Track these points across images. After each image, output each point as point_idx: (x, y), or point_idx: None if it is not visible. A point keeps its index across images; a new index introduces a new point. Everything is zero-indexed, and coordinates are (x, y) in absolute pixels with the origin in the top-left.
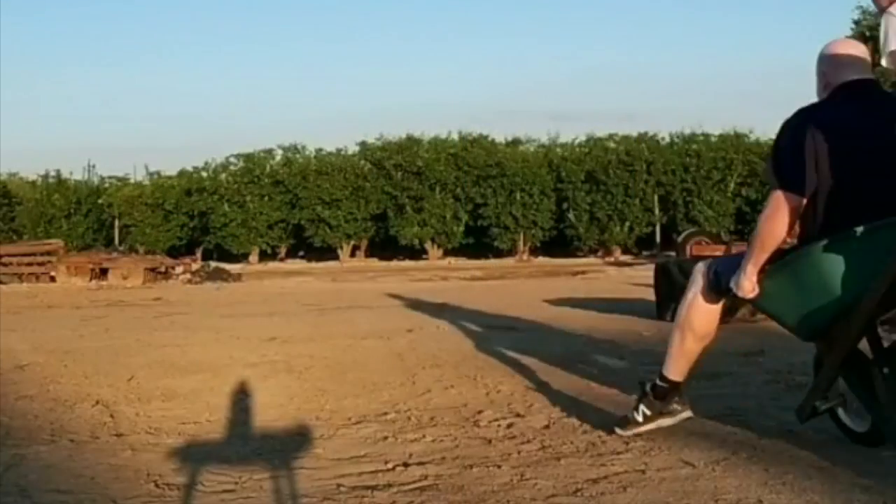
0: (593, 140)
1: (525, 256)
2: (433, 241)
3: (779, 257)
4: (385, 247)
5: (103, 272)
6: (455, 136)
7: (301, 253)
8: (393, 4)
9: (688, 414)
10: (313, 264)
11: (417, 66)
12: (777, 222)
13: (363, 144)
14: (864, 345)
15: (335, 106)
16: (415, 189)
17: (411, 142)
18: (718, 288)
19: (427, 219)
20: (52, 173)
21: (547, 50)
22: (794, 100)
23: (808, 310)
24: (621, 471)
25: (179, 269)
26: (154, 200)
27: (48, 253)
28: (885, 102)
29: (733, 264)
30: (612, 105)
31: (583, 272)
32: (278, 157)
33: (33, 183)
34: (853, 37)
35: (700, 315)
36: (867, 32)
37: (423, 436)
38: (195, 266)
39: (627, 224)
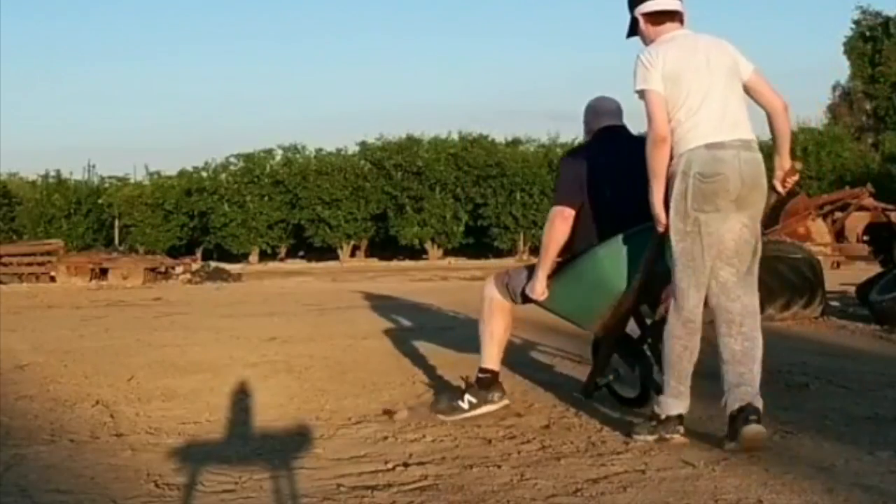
0: None
1: (525, 256)
2: (433, 241)
3: (561, 266)
4: (385, 247)
5: (103, 272)
6: (455, 136)
7: (301, 253)
8: (393, 4)
9: (506, 401)
10: (313, 264)
11: (417, 66)
12: (555, 232)
13: (363, 144)
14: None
15: (335, 106)
16: (415, 189)
17: (411, 142)
18: (511, 295)
19: (427, 219)
20: (52, 173)
21: (547, 50)
22: (794, 99)
23: (590, 302)
24: (621, 471)
25: (179, 269)
26: (154, 200)
27: (48, 253)
28: (630, 142)
29: (519, 275)
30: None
31: None
32: (278, 157)
33: (33, 183)
34: (853, 37)
35: (499, 313)
36: (867, 32)
37: (423, 436)
38: (195, 266)
39: None
